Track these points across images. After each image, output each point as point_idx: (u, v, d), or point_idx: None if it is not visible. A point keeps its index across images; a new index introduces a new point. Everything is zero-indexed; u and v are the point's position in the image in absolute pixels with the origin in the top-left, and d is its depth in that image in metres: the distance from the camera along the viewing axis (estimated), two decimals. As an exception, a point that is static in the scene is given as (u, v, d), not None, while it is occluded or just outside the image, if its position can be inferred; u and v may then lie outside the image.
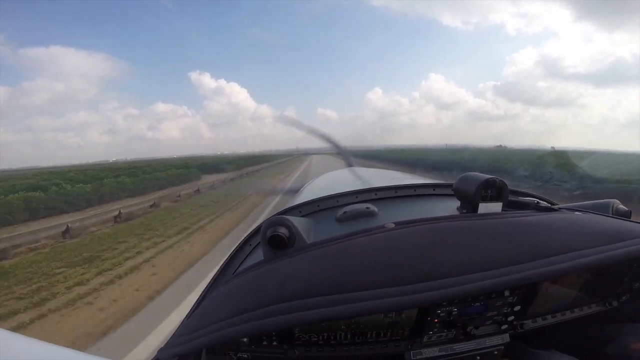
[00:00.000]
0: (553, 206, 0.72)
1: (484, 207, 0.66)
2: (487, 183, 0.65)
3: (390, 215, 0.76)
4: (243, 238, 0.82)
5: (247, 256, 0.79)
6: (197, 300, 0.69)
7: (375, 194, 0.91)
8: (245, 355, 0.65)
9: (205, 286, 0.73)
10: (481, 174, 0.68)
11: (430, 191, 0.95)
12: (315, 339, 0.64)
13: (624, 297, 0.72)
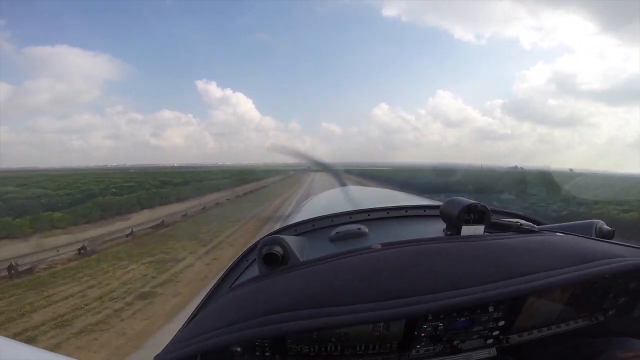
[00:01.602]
0: (535, 227, 0.77)
1: (466, 230, 0.72)
2: (469, 207, 0.72)
3: (380, 236, 0.82)
4: (240, 254, 0.89)
5: (243, 271, 0.86)
6: (194, 311, 0.75)
7: (368, 215, 0.99)
8: None
9: (202, 298, 0.80)
10: (465, 199, 0.74)
11: (421, 212, 1.02)
12: (307, 350, 0.70)
13: (610, 312, 0.76)
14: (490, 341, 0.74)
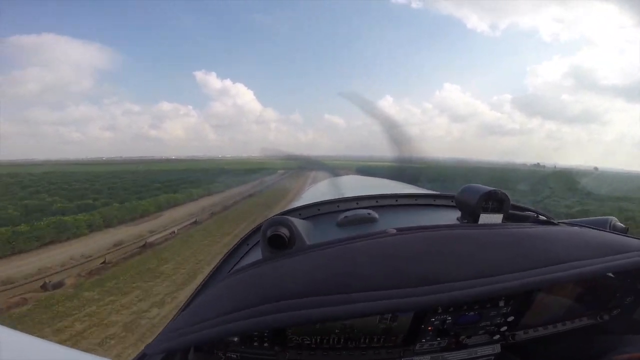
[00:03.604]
0: (553, 220, 0.76)
1: (484, 218, 0.71)
2: (489, 195, 0.70)
3: (391, 223, 0.79)
4: (241, 237, 0.87)
5: (244, 255, 0.84)
6: (189, 297, 0.74)
7: (377, 201, 0.97)
8: (235, 355, 0.70)
9: (199, 284, 0.79)
10: (483, 186, 0.73)
11: (431, 201, 1.00)
12: (308, 342, 0.68)
13: (615, 311, 0.78)
14: (496, 337, 0.74)
